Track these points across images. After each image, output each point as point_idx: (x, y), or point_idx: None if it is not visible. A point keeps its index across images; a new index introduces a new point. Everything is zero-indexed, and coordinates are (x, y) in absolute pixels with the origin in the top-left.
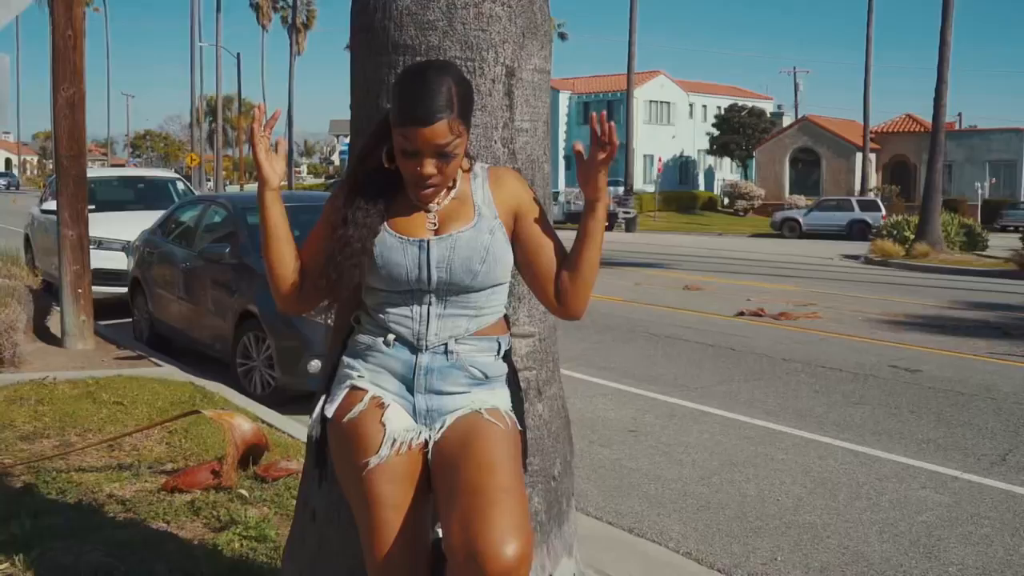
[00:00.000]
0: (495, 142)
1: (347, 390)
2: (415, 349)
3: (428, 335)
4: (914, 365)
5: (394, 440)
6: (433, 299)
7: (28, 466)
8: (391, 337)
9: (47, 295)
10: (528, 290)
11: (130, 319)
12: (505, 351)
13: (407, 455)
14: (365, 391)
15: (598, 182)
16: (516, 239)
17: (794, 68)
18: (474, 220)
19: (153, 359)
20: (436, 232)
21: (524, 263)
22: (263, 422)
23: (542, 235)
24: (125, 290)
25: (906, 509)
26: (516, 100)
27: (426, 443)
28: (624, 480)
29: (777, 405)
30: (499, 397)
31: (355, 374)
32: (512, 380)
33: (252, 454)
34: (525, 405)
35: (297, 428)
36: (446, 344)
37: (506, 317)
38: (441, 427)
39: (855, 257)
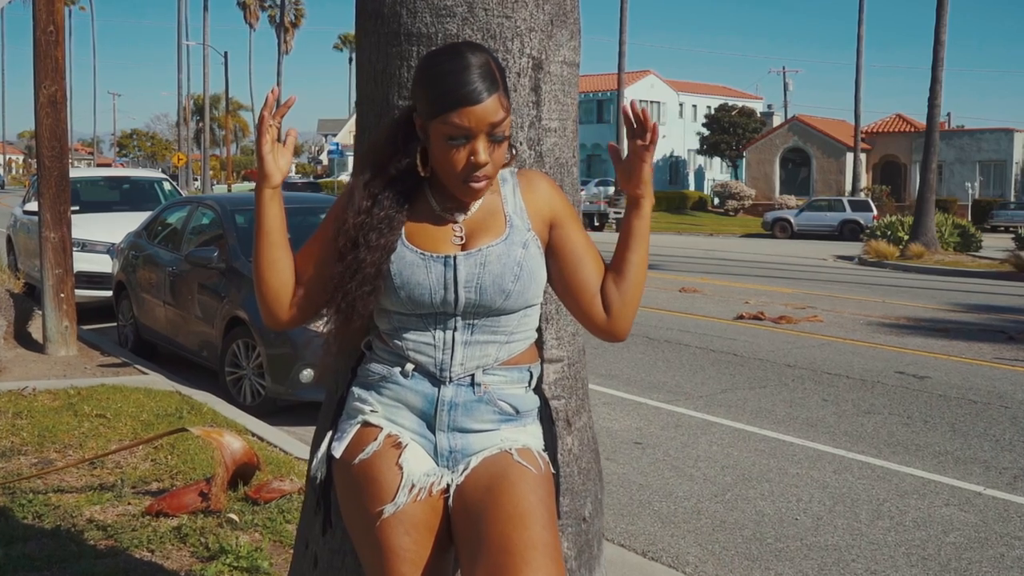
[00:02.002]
0: (520, 143)
1: (358, 427)
2: (437, 381)
3: (452, 365)
4: (921, 371)
5: (412, 485)
6: (458, 323)
7: (3, 487)
8: (409, 367)
9: (30, 299)
10: (555, 310)
11: (115, 324)
12: (537, 382)
13: (426, 501)
14: (379, 428)
15: (642, 175)
16: (551, 252)
17: (783, 68)
18: (505, 232)
19: (138, 367)
20: (463, 246)
21: (560, 278)
22: (253, 435)
23: (581, 246)
24: (109, 294)
25: (932, 529)
26: (543, 96)
27: (447, 487)
28: (634, 497)
29: (785, 414)
30: (530, 434)
31: (367, 408)
32: (544, 414)
33: (242, 474)
34: None
35: (289, 442)
36: (472, 375)
37: (537, 342)
38: (465, 469)
39: (849, 258)
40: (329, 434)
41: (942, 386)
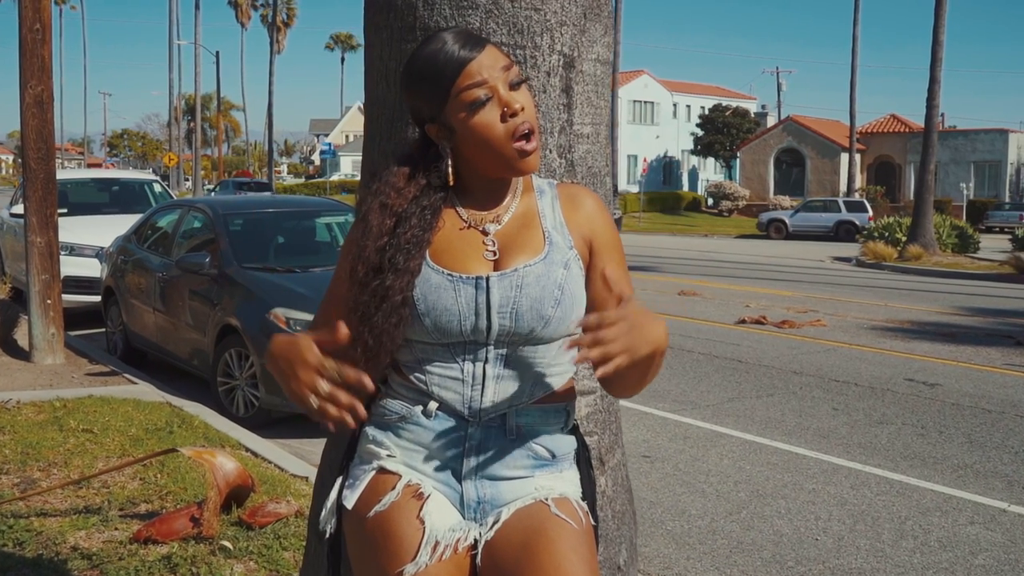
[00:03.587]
0: (550, 150)
1: (373, 473)
2: (464, 421)
3: (482, 402)
4: (931, 378)
5: (436, 542)
6: (490, 354)
7: None
8: (433, 405)
9: (16, 304)
10: None
11: (103, 329)
12: (574, 422)
13: (451, 559)
14: (397, 475)
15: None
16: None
17: (777, 68)
18: (544, 250)
19: (127, 376)
20: (496, 265)
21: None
22: (247, 450)
23: (613, 279)
24: (98, 299)
25: (958, 550)
26: (575, 98)
27: (474, 543)
28: (645, 516)
29: (796, 425)
30: (567, 481)
31: (384, 452)
32: (581, 457)
33: (236, 496)
34: None
35: (285, 457)
36: (504, 415)
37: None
38: (495, 523)
39: (846, 259)
40: (339, 480)
41: (954, 394)
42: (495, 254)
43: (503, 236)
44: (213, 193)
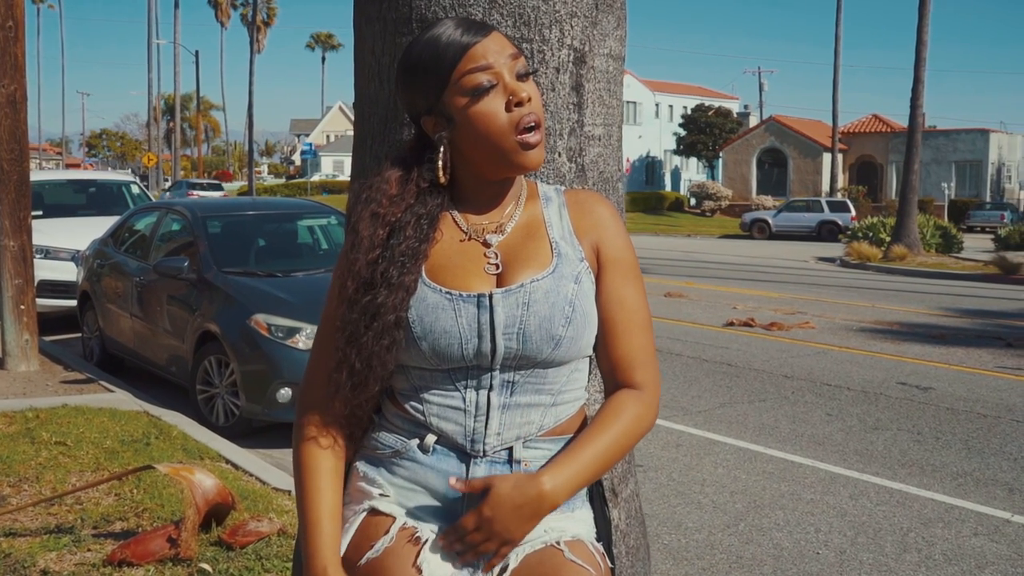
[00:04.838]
0: (559, 154)
1: (364, 515)
2: (466, 456)
3: (487, 435)
4: (923, 382)
5: None
6: (495, 380)
7: None
8: (430, 439)
9: None
10: (594, 356)
11: (79, 335)
12: None
13: None
14: (391, 517)
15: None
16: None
17: (759, 68)
18: (552, 263)
19: (103, 383)
20: (499, 280)
21: None
22: (227, 462)
23: (615, 302)
24: (74, 303)
25: (964, 563)
26: (586, 97)
27: None
28: None
29: (790, 431)
30: (580, 521)
31: (376, 491)
32: (594, 493)
33: (215, 513)
34: None
35: (266, 469)
36: (511, 449)
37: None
38: (502, 571)
39: (830, 260)
40: None
41: (948, 398)
42: (498, 268)
43: (506, 248)
44: (168, 194)
